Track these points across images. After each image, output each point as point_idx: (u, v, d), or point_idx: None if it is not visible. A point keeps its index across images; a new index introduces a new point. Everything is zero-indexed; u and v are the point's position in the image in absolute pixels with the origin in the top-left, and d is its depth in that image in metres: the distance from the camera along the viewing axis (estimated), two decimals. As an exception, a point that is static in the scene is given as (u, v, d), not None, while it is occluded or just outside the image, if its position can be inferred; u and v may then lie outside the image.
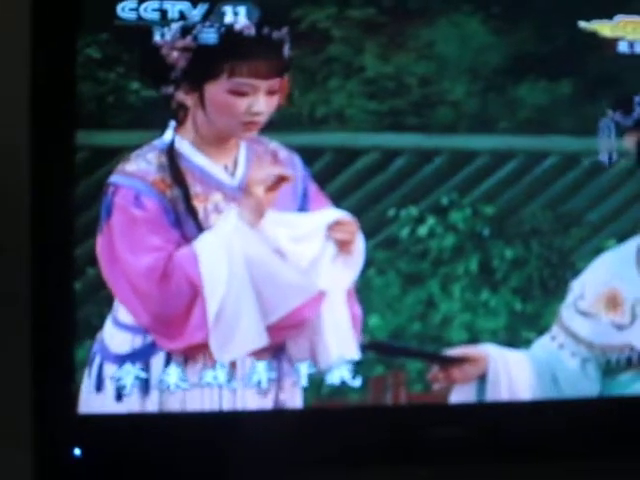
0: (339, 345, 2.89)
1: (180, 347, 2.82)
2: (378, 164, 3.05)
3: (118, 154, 2.79)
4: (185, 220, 2.81)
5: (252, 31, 2.82)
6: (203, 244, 2.77)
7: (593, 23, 3.16)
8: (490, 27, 3.05)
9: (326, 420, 3.00)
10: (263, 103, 2.79)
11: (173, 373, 2.81)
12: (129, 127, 2.86)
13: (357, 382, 2.94)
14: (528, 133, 3.11)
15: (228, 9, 2.88)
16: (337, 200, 3.01)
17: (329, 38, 2.97)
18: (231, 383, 2.85)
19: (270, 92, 2.80)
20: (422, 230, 3.06)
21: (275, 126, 2.94)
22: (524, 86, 3.07)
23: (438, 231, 3.07)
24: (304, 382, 2.90)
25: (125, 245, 2.79)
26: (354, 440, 2.95)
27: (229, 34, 2.83)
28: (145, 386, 2.85)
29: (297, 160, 2.92)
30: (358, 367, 3.01)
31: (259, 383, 2.86)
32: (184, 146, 2.82)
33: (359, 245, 2.93)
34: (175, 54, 2.82)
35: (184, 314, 2.81)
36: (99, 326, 2.83)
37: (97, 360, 2.83)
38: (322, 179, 3.02)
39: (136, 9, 2.93)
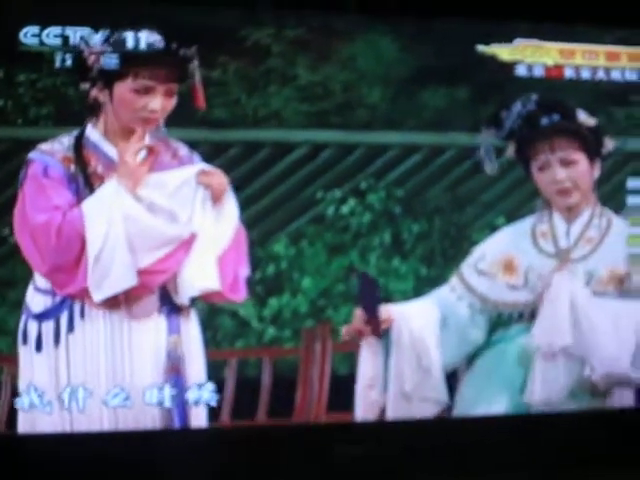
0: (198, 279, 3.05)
1: (72, 291, 3.01)
2: (308, 155, 3.44)
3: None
4: (83, 191, 3.03)
5: (161, 44, 3.05)
6: (88, 204, 3.00)
7: (492, 46, 3.42)
8: (399, 44, 3.40)
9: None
10: (159, 103, 3.05)
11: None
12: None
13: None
14: (430, 130, 3.49)
15: (129, 35, 3.11)
16: (275, 183, 3.39)
17: (269, 53, 3.32)
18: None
19: (167, 94, 3.05)
20: (345, 209, 3.43)
21: (225, 124, 3.31)
22: (427, 92, 3.44)
23: (358, 210, 3.43)
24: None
25: (31, 206, 3.02)
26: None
27: (141, 44, 3.06)
28: (56, 338, 3.05)
29: (196, 158, 3.16)
30: (293, 320, 3.36)
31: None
32: (95, 135, 3.08)
33: (230, 200, 3.12)
34: (93, 57, 3.06)
35: (75, 264, 2.99)
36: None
37: (23, 319, 3.10)
38: (262, 168, 3.39)
39: (38, 35, 3.12)
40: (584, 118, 3.31)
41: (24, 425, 3.09)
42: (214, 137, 3.34)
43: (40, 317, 3.07)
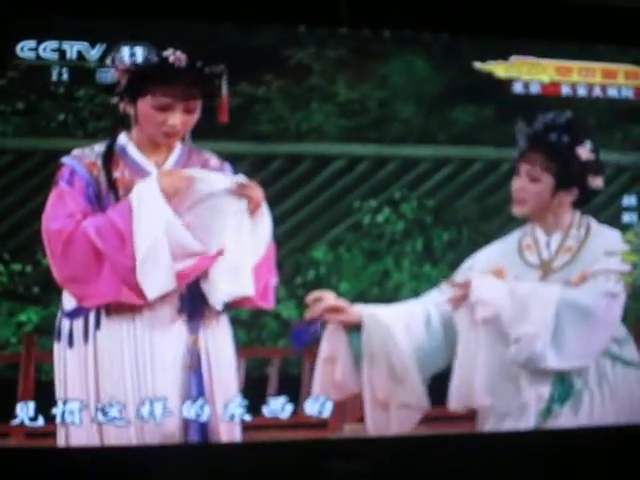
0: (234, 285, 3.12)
1: (89, 306, 3.09)
2: (346, 167, 3.52)
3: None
4: (106, 197, 3.09)
5: (182, 62, 3.13)
6: (136, 205, 3.06)
7: (488, 63, 3.49)
8: (431, 64, 3.51)
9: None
10: (178, 118, 3.12)
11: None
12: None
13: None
14: (460, 144, 3.57)
15: (125, 49, 3.21)
16: (315, 194, 3.48)
17: (310, 71, 3.43)
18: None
19: (187, 110, 3.12)
20: (380, 218, 3.52)
21: (269, 138, 3.41)
22: (457, 109, 3.53)
23: (392, 219, 3.52)
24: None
25: (50, 212, 3.09)
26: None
27: (162, 62, 3.13)
28: (85, 335, 3.10)
29: (227, 168, 3.25)
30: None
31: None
32: (125, 143, 3.16)
33: (265, 213, 3.18)
34: (119, 74, 3.17)
35: (89, 277, 3.06)
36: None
37: (58, 316, 3.16)
38: (303, 179, 3.48)
39: (35, 49, 3.20)
40: (582, 151, 3.38)
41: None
42: (259, 150, 3.44)
43: (71, 315, 3.14)
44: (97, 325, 3.12)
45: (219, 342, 3.22)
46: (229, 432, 3.26)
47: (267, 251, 3.22)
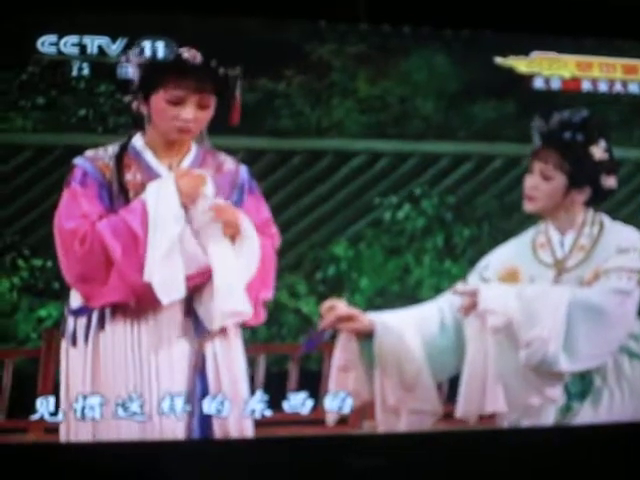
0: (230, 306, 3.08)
1: (96, 305, 3.08)
2: (367, 163, 3.54)
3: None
4: (117, 198, 3.08)
5: (197, 60, 3.12)
6: (151, 205, 3.05)
7: (509, 59, 3.48)
8: (451, 60, 3.52)
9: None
10: (191, 112, 3.10)
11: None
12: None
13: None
14: (480, 140, 3.59)
15: (147, 44, 3.21)
16: (336, 190, 3.49)
17: (331, 67, 3.45)
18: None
19: (200, 105, 3.11)
20: (400, 214, 3.53)
21: (290, 133, 3.43)
22: (477, 104, 3.55)
23: (412, 215, 3.54)
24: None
25: (64, 211, 3.08)
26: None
27: (176, 58, 3.14)
28: (86, 333, 3.10)
29: (243, 171, 3.21)
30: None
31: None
32: (139, 144, 3.15)
33: (247, 236, 3.12)
34: (131, 70, 3.17)
35: (99, 277, 3.05)
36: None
37: (64, 313, 3.15)
38: (324, 175, 3.50)
39: (56, 44, 3.20)
40: (596, 150, 3.37)
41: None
42: (280, 146, 3.45)
43: (76, 313, 3.14)
44: (101, 325, 3.12)
45: (227, 345, 3.19)
46: (236, 430, 3.24)
47: (259, 270, 3.18)
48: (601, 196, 3.41)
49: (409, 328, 3.28)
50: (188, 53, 3.14)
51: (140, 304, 3.10)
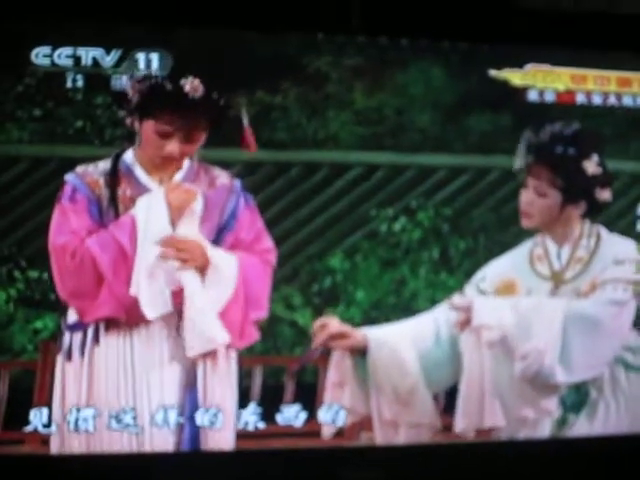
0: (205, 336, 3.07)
1: (89, 320, 3.07)
2: (363, 175, 3.54)
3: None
4: (107, 213, 3.07)
5: (198, 93, 3.05)
6: (140, 221, 3.05)
7: (504, 71, 3.48)
8: (446, 72, 3.52)
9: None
10: (177, 148, 3.07)
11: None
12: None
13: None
14: (476, 153, 3.59)
15: (141, 56, 3.22)
16: (332, 201, 3.49)
17: (328, 79, 3.45)
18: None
19: (187, 139, 3.07)
20: (396, 226, 3.53)
21: (286, 145, 3.42)
22: (473, 117, 3.55)
23: (408, 227, 3.54)
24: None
25: (55, 227, 3.07)
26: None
27: (177, 90, 3.06)
28: (82, 348, 3.09)
29: (237, 185, 3.19)
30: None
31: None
32: (130, 159, 3.14)
33: (217, 265, 3.09)
34: (133, 89, 3.10)
35: (91, 293, 3.04)
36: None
37: (61, 328, 3.13)
38: (320, 187, 3.50)
39: (50, 55, 3.20)
40: (589, 164, 3.35)
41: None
42: (277, 158, 3.45)
43: (71, 328, 3.13)
44: (96, 340, 3.11)
45: (217, 362, 3.17)
46: (219, 442, 3.23)
47: (234, 293, 3.15)
48: (596, 209, 3.40)
49: (404, 342, 3.27)
50: (190, 85, 3.09)
51: (130, 319, 3.09)
